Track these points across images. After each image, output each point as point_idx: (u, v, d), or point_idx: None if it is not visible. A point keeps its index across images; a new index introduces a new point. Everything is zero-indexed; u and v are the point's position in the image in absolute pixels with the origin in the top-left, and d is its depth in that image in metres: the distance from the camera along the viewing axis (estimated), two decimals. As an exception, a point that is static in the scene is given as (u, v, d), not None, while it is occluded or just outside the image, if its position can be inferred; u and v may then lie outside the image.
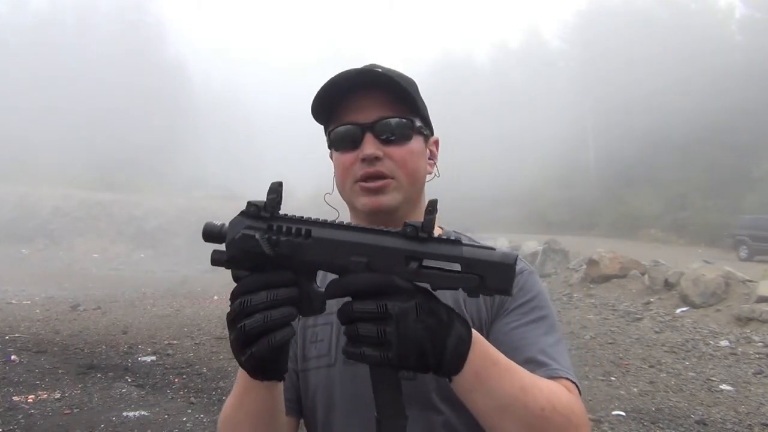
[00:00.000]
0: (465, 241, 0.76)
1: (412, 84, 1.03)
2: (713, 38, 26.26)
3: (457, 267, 0.72)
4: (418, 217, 0.98)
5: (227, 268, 0.76)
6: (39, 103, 34.45)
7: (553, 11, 35.14)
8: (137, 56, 39.01)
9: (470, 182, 24.12)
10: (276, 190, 0.77)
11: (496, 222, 22.73)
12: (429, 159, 1.03)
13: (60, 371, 6.36)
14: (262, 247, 0.73)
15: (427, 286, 0.74)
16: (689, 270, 10.05)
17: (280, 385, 0.87)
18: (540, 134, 29.40)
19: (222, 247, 0.77)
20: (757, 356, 6.91)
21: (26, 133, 33.44)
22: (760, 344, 7.33)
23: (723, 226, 19.38)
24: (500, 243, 17.65)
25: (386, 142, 0.97)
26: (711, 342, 7.63)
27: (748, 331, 7.89)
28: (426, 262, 0.73)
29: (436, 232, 0.80)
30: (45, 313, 10.73)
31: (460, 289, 0.73)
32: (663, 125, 24.55)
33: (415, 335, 0.71)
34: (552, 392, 0.82)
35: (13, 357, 6.89)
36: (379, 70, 0.98)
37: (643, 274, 11.16)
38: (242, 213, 0.76)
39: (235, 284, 0.75)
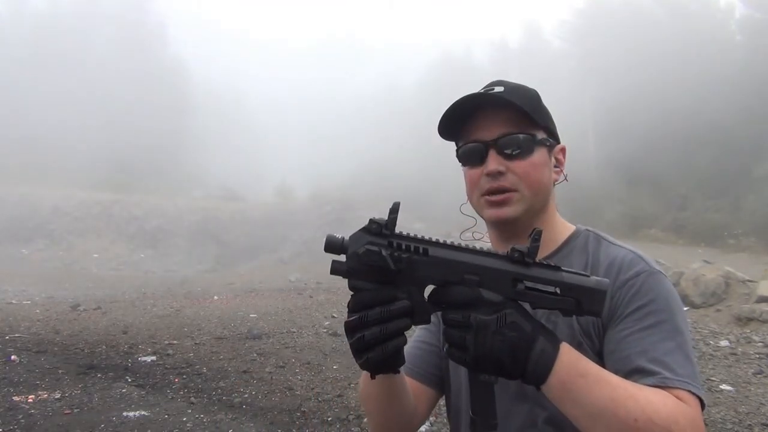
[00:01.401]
0: (596, 245, 0.99)
1: (533, 99, 1.08)
2: (713, 38, 26.26)
3: (557, 289, 0.84)
4: (545, 223, 1.06)
5: (345, 277, 0.86)
6: (38, 104, 34.43)
7: (553, 11, 35.22)
8: (137, 56, 39.01)
9: (470, 182, 24.18)
10: (396, 210, 0.85)
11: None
12: (555, 167, 1.09)
13: (60, 371, 6.36)
14: (387, 262, 0.82)
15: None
16: (689, 270, 10.04)
17: (400, 374, 1.02)
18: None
19: (341, 258, 0.86)
20: (757, 356, 6.91)
21: (26, 133, 33.44)
22: (760, 344, 7.33)
23: (723, 226, 19.39)
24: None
25: (509, 157, 1.03)
26: (711, 342, 7.63)
27: (748, 331, 7.90)
28: (530, 284, 0.84)
29: (568, 231, 1.07)
30: (45, 313, 10.74)
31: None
32: (663, 125, 24.55)
33: (492, 344, 0.81)
34: (650, 402, 0.83)
35: (13, 357, 6.89)
36: (500, 89, 1.05)
37: (643, 274, 11.16)
38: (364, 229, 0.85)
39: (351, 292, 0.85)
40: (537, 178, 1.04)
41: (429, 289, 0.86)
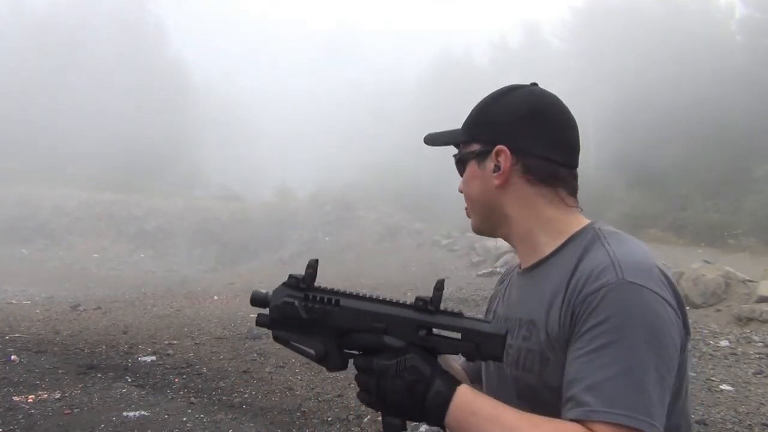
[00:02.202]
0: (588, 250, 0.96)
1: (471, 115, 1.12)
2: (713, 38, 26.25)
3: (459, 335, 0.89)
4: (517, 229, 1.07)
5: (269, 329, 0.95)
6: (38, 104, 34.43)
7: (553, 11, 35.20)
8: (137, 56, 39.00)
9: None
10: (313, 266, 0.94)
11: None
12: (494, 171, 1.05)
13: (60, 371, 6.36)
14: (299, 313, 0.91)
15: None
16: (689, 270, 10.04)
17: None
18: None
19: (266, 311, 0.95)
20: (757, 356, 6.91)
21: (26, 133, 33.44)
22: (760, 344, 7.33)
23: (723, 226, 19.37)
24: (500, 243, 17.64)
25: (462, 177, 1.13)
26: (711, 342, 7.63)
27: (748, 331, 7.89)
28: (435, 330, 0.90)
29: (565, 235, 1.02)
30: (45, 313, 10.74)
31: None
32: (663, 125, 24.54)
33: (393, 387, 0.87)
34: None
35: (13, 357, 6.89)
36: (445, 132, 1.16)
37: (643, 274, 11.15)
38: (284, 284, 0.95)
39: (275, 340, 0.96)
40: (468, 192, 1.11)
41: None
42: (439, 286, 0.90)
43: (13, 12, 40.15)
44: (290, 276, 0.94)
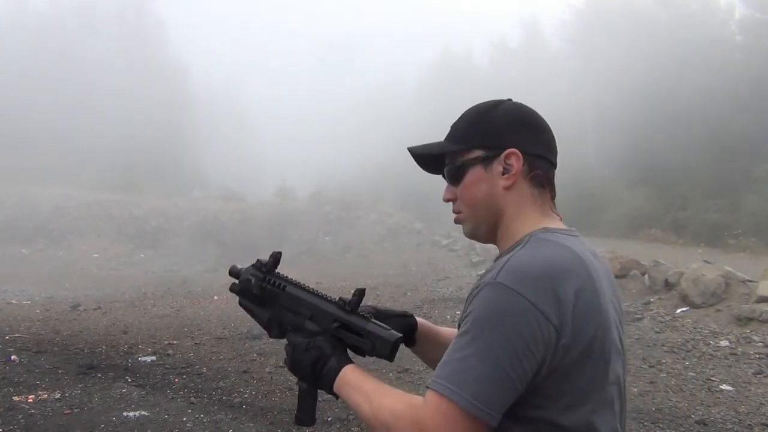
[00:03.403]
0: (508, 255, 1.07)
1: (461, 125, 1.21)
2: (713, 38, 26.24)
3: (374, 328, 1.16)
4: (504, 232, 1.18)
5: (237, 295, 1.27)
6: (38, 104, 34.42)
7: (553, 11, 35.11)
8: (137, 56, 38.99)
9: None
10: (275, 256, 1.29)
11: (496, 222, 22.74)
12: (503, 173, 1.15)
13: (60, 371, 6.36)
14: (252, 288, 1.22)
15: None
16: (689, 270, 10.03)
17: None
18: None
19: (236, 282, 1.29)
20: (757, 356, 6.90)
21: (26, 133, 33.43)
22: (760, 344, 7.32)
23: (723, 226, 19.36)
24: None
25: (454, 185, 1.21)
26: (711, 342, 7.63)
27: (748, 331, 7.89)
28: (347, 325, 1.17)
29: (560, 225, 1.17)
30: (45, 313, 10.73)
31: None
32: (663, 125, 24.54)
33: (300, 360, 1.16)
34: (380, 406, 1.05)
35: (13, 357, 6.89)
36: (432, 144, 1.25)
37: (643, 274, 11.15)
38: (252, 265, 1.26)
39: (239, 304, 1.29)
40: (469, 197, 1.18)
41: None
42: (357, 293, 1.17)
43: (14, 12, 40.14)
44: (257, 260, 1.25)
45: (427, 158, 1.25)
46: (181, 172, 35.74)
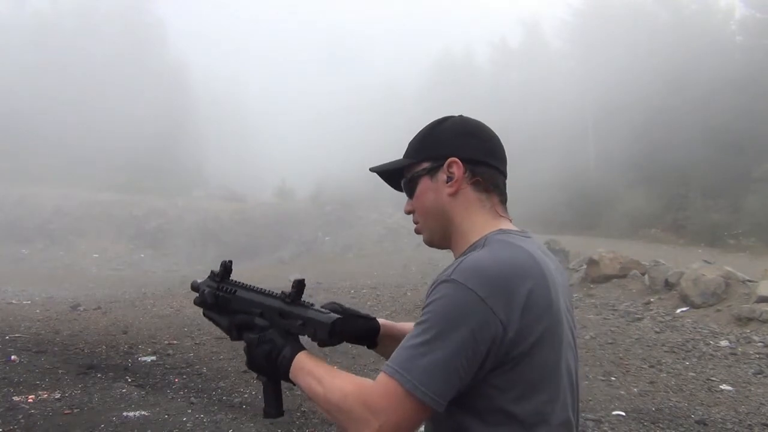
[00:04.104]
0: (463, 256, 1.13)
1: (416, 140, 1.30)
2: (713, 38, 26.22)
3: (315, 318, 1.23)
4: (457, 236, 1.24)
5: (199, 306, 1.37)
6: (38, 104, 34.43)
7: (553, 11, 35.09)
8: (137, 56, 38.99)
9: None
10: (225, 265, 1.35)
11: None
12: (447, 182, 1.23)
13: (60, 371, 6.36)
14: (205, 298, 1.32)
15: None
16: (689, 270, 10.04)
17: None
18: (539, 134, 29.37)
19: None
20: (757, 356, 6.90)
21: (26, 133, 33.43)
22: (760, 344, 7.32)
23: (723, 226, 19.36)
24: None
25: (410, 198, 1.30)
26: (711, 342, 7.63)
27: (748, 331, 7.89)
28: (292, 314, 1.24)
29: (512, 227, 1.23)
30: (45, 313, 10.73)
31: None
32: (663, 125, 24.52)
33: (255, 353, 1.23)
34: (333, 388, 1.10)
35: (13, 357, 6.89)
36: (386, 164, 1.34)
37: (643, 274, 11.15)
38: (208, 276, 1.35)
39: (203, 315, 1.38)
40: (422, 206, 1.26)
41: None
42: (295, 284, 1.24)
43: (14, 12, 40.15)
44: (211, 271, 1.34)
45: (389, 174, 1.34)
46: (181, 172, 35.73)
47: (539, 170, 26.52)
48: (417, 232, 1.30)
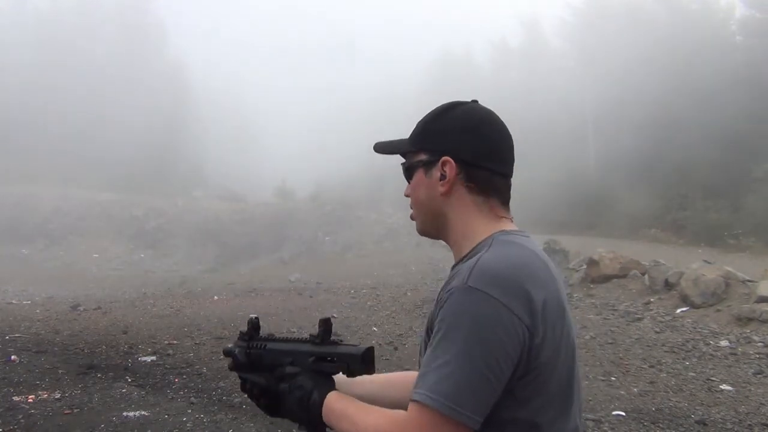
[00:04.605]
0: (472, 258, 1.08)
1: (418, 127, 1.25)
2: (713, 38, 26.22)
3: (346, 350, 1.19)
4: (452, 234, 1.21)
5: (234, 371, 1.34)
6: (37, 104, 34.41)
7: (553, 10, 35.09)
8: (137, 57, 38.98)
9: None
10: (252, 322, 1.32)
11: (496, 222, 22.73)
12: (440, 179, 1.18)
13: (60, 371, 6.36)
14: (238, 358, 1.30)
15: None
16: (689, 270, 10.03)
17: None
18: (539, 134, 29.37)
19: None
20: (757, 356, 6.90)
21: (25, 132, 33.42)
22: (760, 344, 7.32)
23: (723, 226, 19.35)
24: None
25: (408, 183, 1.26)
26: (711, 342, 7.63)
27: (748, 331, 7.89)
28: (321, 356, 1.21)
29: (476, 243, 1.15)
30: (45, 313, 10.74)
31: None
32: (663, 125, 24.52)
33: (289, 404, 1.18)
34: (368, 425, 1.06)
35: (13, 357, 6.89)
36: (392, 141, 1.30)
37: (643, 274, 11.15)
38: (238, 337, 1.33)
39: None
40: (416, 197, 1.23)
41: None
42: (322, 324, 1.21)
43: (14, 11, 40.13)
44: (240, 332, 1.33)
45: (391, 149, 1.29)
46: (181, 172, 35.72)
47: (539, 170, 26.53)
48: (412, 218, 1.27)
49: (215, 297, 12.99)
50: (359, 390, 1.29)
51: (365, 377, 1.25)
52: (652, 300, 10.08)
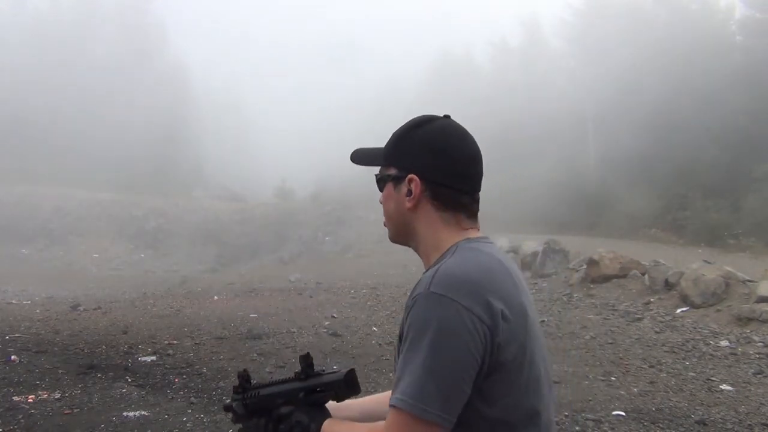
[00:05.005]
0: (435, 266, 1.14)
1: (389, 142, 1.30)
2: (713, 38, 26.21)
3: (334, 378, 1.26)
4: (421, 245, 1.28)
5: (237, 423, 1.38)
6: (38, 104, 34.43)
7: (553, 10, 35.05)
8: (138, 57, 38.99)
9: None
10: (242, 376, 1.38)
11: (496, 222, 22.73)
12: (407, 195, 1.23)
13: (60, 371, 6.36)
14: (236, 410, 1.35)
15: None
16: (689, 270, 10.03)
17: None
18: (539, 134, 29.36)
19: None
20: (757, 356, 6.90)
21: (26, 133, 33.43)
22: (760, 344, 7.32)
23: (723, 226, 19.34)
24: (500, 243, 17.62)
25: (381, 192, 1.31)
26: (711, 342, 7.63)
27: (748, 331, 7.89)
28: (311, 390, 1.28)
29: (479, 234, 1.24)
30: (45, 313, 10.73)
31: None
32: (663, 125, 24.51)
33: None
34: None
35: (13, 357, 6.89)
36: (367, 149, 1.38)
37: (643, 274, 11.15)
38: (233, 392, 1.39)
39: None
40: (386, 209, 1.30)
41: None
42: (302, 361, 1.29)
43: (14, 12, 40.13)
44: (233, 387, 1.39)
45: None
46: (181, 172, 35.74)
47: (539, 170, 26.54)
48: (384, 225, 1.33)
49: (215, 297, 12.99)
50: (357, 410, 1.38)
51: (363, 399, 1.38)
52: (652, 300, 10.08)
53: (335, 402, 1.28)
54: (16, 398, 5.34)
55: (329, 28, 59.08)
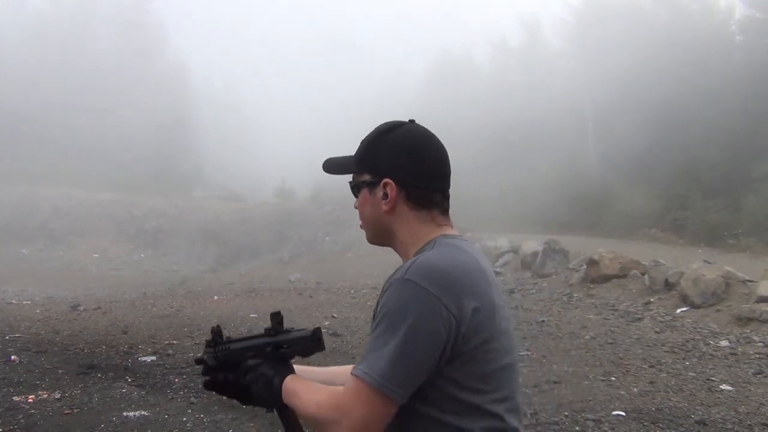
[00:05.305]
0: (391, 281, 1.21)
1: (360, 149, 1.37)
2: (713, 38, 26.20)
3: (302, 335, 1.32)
4: (399, 245, 1.35)
5: (205, 375, 1.47)
6: (37, 104, 34.41)
7: (553, 10, 35.05)
8: (137, 57, 38.98)
9: (470, 182, 24.14)
10: (215, 330, 1.48)
11: (496, 222, 22.73)
12: (383, 199, 1.30)
13: (60, 371, 6.36)
14: (206, 361, 1.45)
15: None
16: (689, 270, 10.03)
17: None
18: (539, 134, 29.36)
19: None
20: (757, 356, 6.90)
21: (26, 133, 33.42)
22: (760, 344, 7.32)
23: (723, 226, 19.33)
24: (500, 243, 17.63)
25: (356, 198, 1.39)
26: (711, 342, 7.63)
27: (748, 331, 7.89)
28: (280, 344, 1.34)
29: (454, 232, 1.31)
30: (45, 313, 10.74)
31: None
32: (663, 125, 24.51)
33: (256, 391, 1.31)
34: (315, 402, 1.20)
35: (13, 357, 6.90)
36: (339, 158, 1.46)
37: (643, 274, 11.15)
38: (205, 346, 1.48)
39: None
40: (362, 213, 1.36)
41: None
42: (273, 318, 1.34)
43: (14, 12, 40.12)
44: (205, 340, 1.47)
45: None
46: (181, 172, 35.73)
47: (539, 170, 26.53)
48: (361, 227, 1.40)
49: (215, 297, 13.00)
50: (320, 377, 1.44)
51: (325, 369, 1.48)
52: (652, 300, 10.08)
53: (306, 368, 1.39)
54: (16, 398, 5.34)
55: (329, 28, 59.04)
